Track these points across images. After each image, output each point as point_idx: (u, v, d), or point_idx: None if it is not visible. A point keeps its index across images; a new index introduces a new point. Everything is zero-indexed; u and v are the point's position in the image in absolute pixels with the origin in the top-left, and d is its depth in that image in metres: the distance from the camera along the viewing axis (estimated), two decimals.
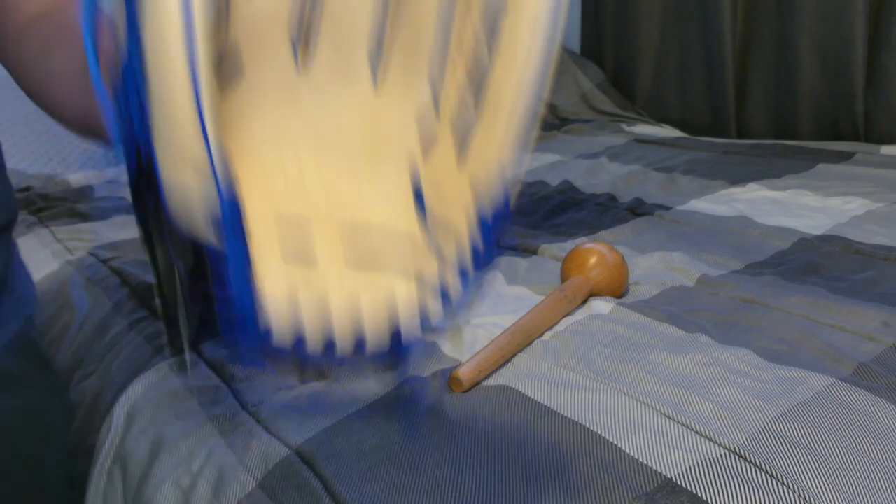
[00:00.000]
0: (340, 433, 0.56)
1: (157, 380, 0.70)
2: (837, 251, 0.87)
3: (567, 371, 0.62)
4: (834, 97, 1.53)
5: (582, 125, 1.74)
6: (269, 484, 0.54)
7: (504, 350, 0.64)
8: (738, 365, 0.61)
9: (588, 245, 0.79)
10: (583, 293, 0.75)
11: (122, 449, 0.65)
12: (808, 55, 1.54)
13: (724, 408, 0.55)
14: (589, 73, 1.94)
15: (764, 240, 0.94)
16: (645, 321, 0.70)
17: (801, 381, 0.58)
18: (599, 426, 0.54)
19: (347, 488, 0.51)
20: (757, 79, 1.66)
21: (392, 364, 0.57)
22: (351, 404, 0.60)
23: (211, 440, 0.60)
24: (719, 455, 0.50)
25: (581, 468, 0.50)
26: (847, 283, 0.78)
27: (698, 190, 1.18)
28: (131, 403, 0.68)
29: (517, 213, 1.12)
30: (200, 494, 0.56)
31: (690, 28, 1.76)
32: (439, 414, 0.57)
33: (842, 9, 1.46)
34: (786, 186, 1.17)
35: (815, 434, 0.52)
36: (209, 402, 0.65)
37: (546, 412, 0.56)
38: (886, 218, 0.98)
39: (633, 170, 1.32)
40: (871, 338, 0.65)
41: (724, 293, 0.77)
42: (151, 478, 0.60)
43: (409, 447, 0.54)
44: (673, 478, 0.48)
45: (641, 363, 0.62)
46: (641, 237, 0.98)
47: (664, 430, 0.53)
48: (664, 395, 0.58)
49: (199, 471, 0.58)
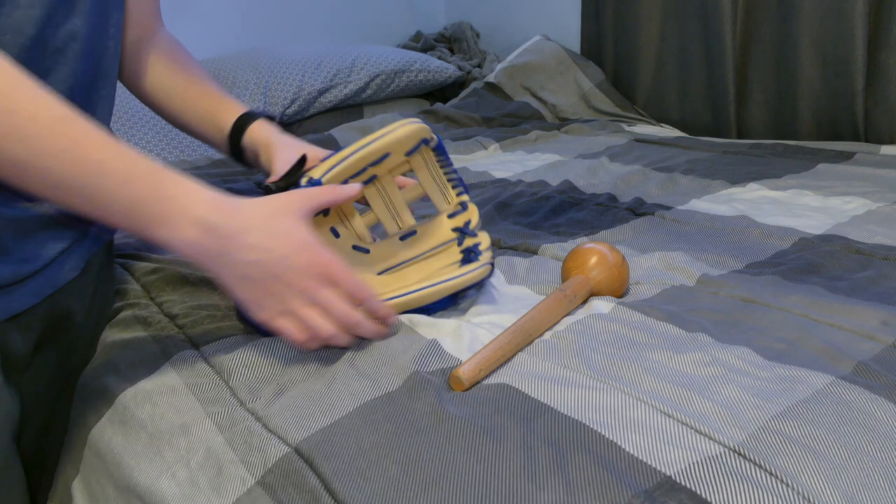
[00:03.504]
0: (339, 431, 0.56)
1: (158, 375, 0.70)
2: (837, 251, 0.87)
3: (567, 370, 0.62)
4: (834, 97, 1.53)
5: (582, 125, 1.74)
6: (268, 481, 0.54)
7: (505, 349, 0.64)
8: (738, 364, 0.62)
9: (588, 245, 0.79)
10: (583, 293, 0.75)
11: (120, 442, 0.65)
12: (808, 55, 1.54)
13: (724, 406, 0.55)
14: (589, 73, 1.94)
15: (764, 239, 0.94)
16: (645, 320, 0.70)
17: (800, 380, 0.58)
18: (599, 424, 0.54)
19: (346, 486, 0.51)
20: (757, 79, 1.66)
21: None
22: (350, 402, 0.60)
23: (210, 436, 0.61)
24: (719, 453, 0.50)
25: (581, 466, 0.50)
26: (847, 282, 0.79)
27: (698, 190, 1.18)
28: (132, 396, 0.68)
29: (517, 213, 1.12)
30: (199, 490, 0.57)
31: (690, 28, 1.77)
32: (439, 412, 0.57)
33: (842, 9, 1.46)
34: (786, 186, 1.17)
35: (815, 432, 0.52)
36: (208, 398, 0.65)
37: (546, 410, 0.56)
38: (886, 218, 0.98)
39: (633, 170, 1.32)
40: (871, 337, 0.65)
41: (724, 293, 0.77)
42: (150, 471, 0.60)
43: (408, 445, 0.54)
44: (672, 475, 0.49)
45: (642, 362, 0.63)
46: (642, 237, 0.98)
47: (664, 429, 0.53)
48: (664, 393, 0.58)
49: (198, 466, 0.58)
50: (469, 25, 2.37)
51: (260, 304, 0.63)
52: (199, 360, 0.71)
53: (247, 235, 0.60)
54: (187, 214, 0.59)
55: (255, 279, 0.61)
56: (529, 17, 2.25)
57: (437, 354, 0.66)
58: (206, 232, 0.59)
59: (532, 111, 1.89)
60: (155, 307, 0.83)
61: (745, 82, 1.68)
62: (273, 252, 0.61)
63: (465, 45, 2.33)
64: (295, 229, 0.62)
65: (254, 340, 0.72)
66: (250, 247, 0.60)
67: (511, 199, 1.17)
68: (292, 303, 0.62)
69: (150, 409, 0.66)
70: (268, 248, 0.60)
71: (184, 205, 0.59)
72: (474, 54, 2.30)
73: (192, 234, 0.59)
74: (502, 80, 1.98)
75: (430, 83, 2.04)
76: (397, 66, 1.96)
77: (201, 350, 0.73)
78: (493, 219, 1.09)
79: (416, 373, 0.62)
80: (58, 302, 0.73)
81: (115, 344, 0.77)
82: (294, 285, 0.61)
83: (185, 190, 0.60)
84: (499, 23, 2.35)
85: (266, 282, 0.61)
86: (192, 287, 0.87)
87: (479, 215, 0.82)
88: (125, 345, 0.76)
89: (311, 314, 0.63)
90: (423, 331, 0.71)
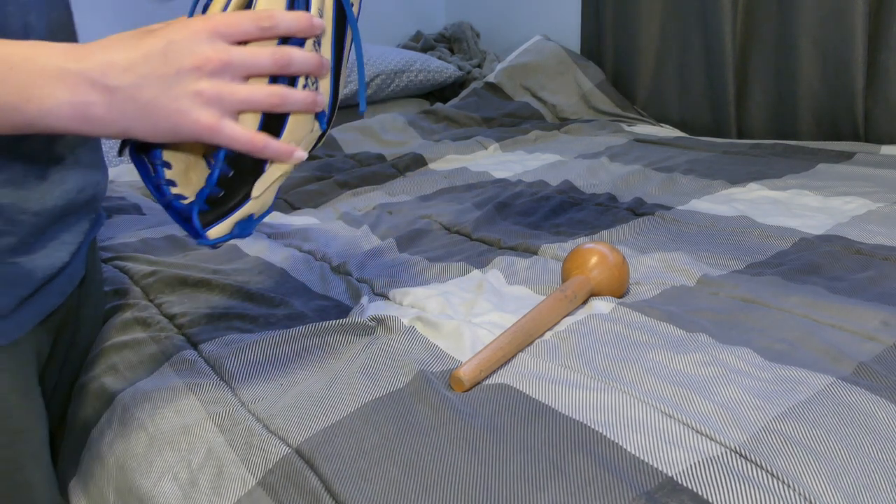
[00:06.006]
0: (340, 432, 0.56)
1: (158, 375, 0.70)
2: (838, 251, 0.87)
3: (568, 370, 0.62)
4: (834, 97, 1.53)
5: (582, 125, 1.74)
6: (269, 482, 0.54)
7: (505, 349, 0.64)
8: (738, 364, 0.62)
9: (589, 245, 0.79)
10: (584, 293, 0.75)
11: (120, 443, 0.65)
12: (808, 55, 1.54)
13: (725, 407, 0.55)
14: (589, 73, 1.94)
15: (764, 240, 0.94)
16: (646, 321, 0.70)
17: (801, 381, 0.58)
18: (600, 425, 0.54)
19: (347, 487, 0.51)
20: (757, 79, 1.66)
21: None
22: (351, 403, 0.60)
23: (211, 437, 0.61)
24: (720, 454, 0.50)
25: (582, 466, 0.50)
26: (847, 282, 0.79)
27: (699, 190, 1.18)
28: (131, 397, 0.68)
29: (517, 213, 1.12)
30: (200, 491, 0.56)
31: (690, 28, 1.77)
32: (440, 413, 0.57)
33: (842, 9, 1.46)
34: (786, 186, 1.17)
35: (816, 433, 0.52)
36: (209, 399, 0.65)
37: (547, 411, 0.56)
38: (887, 218, 0.98)
39: (633, 170, 1.32)
40: (872, 337, 0.65)
41: (724, 293, 0.77)
42: (151, 473, 0.60)
43: (409, 446, 0.54)
44: (674, 476, 0.49)
45: (642, 362, 0.62)
46: (642, 237, 0.98)
47: (665, 429, 0.53)
48: (665, 394, 0.58)
49: (198, 467, 0.58)
50: (469, 25, 2.36)
51: (178, 120, 0.52)
52: (199, 360, 0.71)
53: (118, 54, 0.51)
54: (46, 75, 0.50)
55: (153, 94, 0.51)
56: (529, 17, 2.25)
57: (438, 355, 0.66)
58: (77, 83, 0.51)
59: (532, 111, 1.89)
60: (154, 308, 0.83)
61: (745, 82, 1.68)
62: (153, 49, 0.51)
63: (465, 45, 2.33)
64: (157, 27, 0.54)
65: (255, 340, 0.72)
66: (128, 63, 0.51)
67: (511, 199, 1.17)
68: (209, 88, 0.52)
69: (150, 409, 0.66)
70: (145, 52, 0.51)
71: (36, 70, 0.50)
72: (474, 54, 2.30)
73: (65, 95, 0.51)
74: (502, 80, 1.98)
75: (430, 83, 2.04)
76: (397, 66, 1.96)
77: (201, 350, 0.73)
78: (493, 219, 1.09)
79: (416, 374, 0.62)
80: (67, 301, 0.73)
81: (114, 345, 0.77)
82: (194, 65, 0.51)
83: (31, 52, 0.51)
84: (499, 23, 2.35)
85: (167, 86, 0.51)
86: (191, 288, 0.87)
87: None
88: (124, 346, 0.76)
89: (238, 89, 0.52)
90: (423, 331, 0.71)
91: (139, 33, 0.53)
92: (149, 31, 0.53)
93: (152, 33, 0.53)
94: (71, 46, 0.52)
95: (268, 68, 0.53)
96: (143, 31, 0.53)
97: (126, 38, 0.53)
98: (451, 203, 1.20)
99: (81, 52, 0.52)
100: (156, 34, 0.52)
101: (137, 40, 0.52)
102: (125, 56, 0.52)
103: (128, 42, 0.52)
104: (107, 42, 0.53)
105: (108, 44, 0.52)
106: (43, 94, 0.51)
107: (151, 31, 0.53)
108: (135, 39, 0.52)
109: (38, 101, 0.51)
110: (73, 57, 0.51)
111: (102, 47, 0.52)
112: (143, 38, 0.52)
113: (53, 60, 0.51)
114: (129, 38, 0.53)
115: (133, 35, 0.53)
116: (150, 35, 0.52)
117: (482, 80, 2.02)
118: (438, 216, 1.12)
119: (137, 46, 0.52)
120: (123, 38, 0.53)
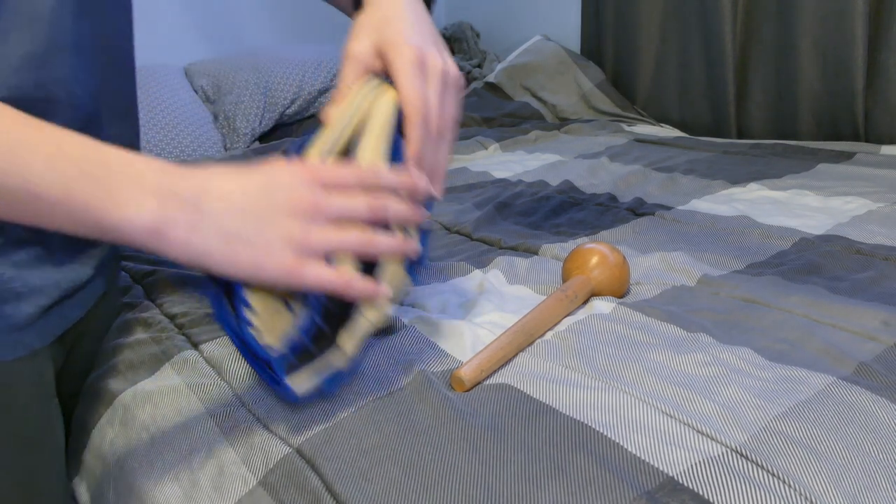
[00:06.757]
0: (341, 431, 0.56)
1: (159, 375, 0.70)
2: (838, 251, 0.87)
3: (569, 370, 0.62)
4: (834, 97, 1.53)
5: (582, 125, 1.74)
6: (270, 482, 0.54)
7: (506, 349, 0.64)
8: (739, 364, 0.62)
9: (589, 245, 0.79)
10: (584, 293, 0.75)
11: (121, 443, 0.65)
12: (808, 55, 1.54)
13: (726, 407, 0.55)
14: (589, 73, 1.94)
15: (765, 240, 0.94)
16: (646, 321, 0.70)
17: (802, 381, 0.58)
18: (601, 424, 0.54)
19: (348, 487, 0.51)
20: (757, 79, 1.66)
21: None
22: (351, 403, 0.60)
23: (212, 437, 0.61)
24: (721, 454, 0.50)
25: (583, 466, 0.50)
26: (848, 282, 0.79)
27: (699, 190, 1.18)
28: (132, 397, 0.68)
29: (518, 213, 1.12)
30: (201, 490, 0.57)
31: (690, 28, 1.77)
32: (441, 413, 0.57)
33: (842, 9, 1.46)
34: (786, 186, 1.17)
35: (817, 433, 0.52)
36: (209, 398, 0.65)
37: (547, 411, 0.56)
38: (887, 218, 0.98)
39: (633, 170, 1.32)
40: (872, 337, 0.65)
41: (724, 293, 0.77)
42: (152, 473, 0.60)
43: (410, 446, 0.54)
44: (675, 476, 0.49)
45: (643, 362, 0.63)
46: (642, 237, 0.98)
47: (666, 429, 0.53)
48: (665, 393, 0.58)
49: (199, 467, 0.58)
50: (469, 25, 2.36)
51: (263, 257, 0.51)
52: (199, 360, 0.71)
53: (216, 182, 0.51)
54: (140, 183, 0.49)
55: (242, 227, 0.50)
56: (529, 17, 2.25)
57: (439, 355, 0.66)
58: (167, 198, 0.49)
59: (532, 111, 1.89)
60: (155, 308, 0.83)
61: (745, 82, 1.68)
62: (251, 184, 0.51)
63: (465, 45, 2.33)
64: (258, 165, 0.54)
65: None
66: (224, 192, 0.51)
67: (511, 199, 1.17)
68: (299, 231, 0.51)
69: (151, 409, 0.66)
70: (243, 185, 0.51)
71: (132, 175, 0.49)
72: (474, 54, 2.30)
73: (152, 206, 0.49)
74: (502, 80, 1.98)
75: None
76: None
77: (202, 350, 0.73)
78: (494, 219, 1.09)
79: (417, 374, 0.62)
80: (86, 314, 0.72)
81: (115, 346, 0.77)
82: (290, 207, 0.51)
83: (129, 160, 0.49)
84: (499, 23, 2.35)
85: (258, 222, 0.50)
86: (192, 288, 0.87)
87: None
88: (125, 346, 0.76)
89: (328, 233, 0.52)
90: (424, 331, 0.71)
91: (239, 168, 0.53)
92: (249, 168, 0.53)
93: (254, 170, 0.52)
94: (171, 164, 0.52)
95: (363, 216, 0.54)
96: (244, 168, 0.53)
97: (226, 169, 0.53)
98: (452, 203, 1.20)
99: (181, 172, 0.51)
100: (257, 171, 0.52)
101: (237, 173, 0.52)
102: (222, 185, 0.51)
103: (227, 173, 0.52)
104: (206, 169, 0.52)
105: (208, 171, 0.52)
106: (129, 201, 0.48)
107: (253, 169, 0.53)
108: (235, 172, 0.52)
109: (123, 208, 0.48)
110: (172, 174, 0.50)
111: (202, 172, 0.52)
112: (243, 173, 0.52)
113: (151, 173, 0.50)
114: (229, 170, 0.52)
115: (233, 168, 0.53)
116: (251, 171, 0.52)
117: (482, 80, 2.02)
118: (438, 216, 1.12)
119: (237, 179, 0.52)
120: (223, 169, 0.53)
